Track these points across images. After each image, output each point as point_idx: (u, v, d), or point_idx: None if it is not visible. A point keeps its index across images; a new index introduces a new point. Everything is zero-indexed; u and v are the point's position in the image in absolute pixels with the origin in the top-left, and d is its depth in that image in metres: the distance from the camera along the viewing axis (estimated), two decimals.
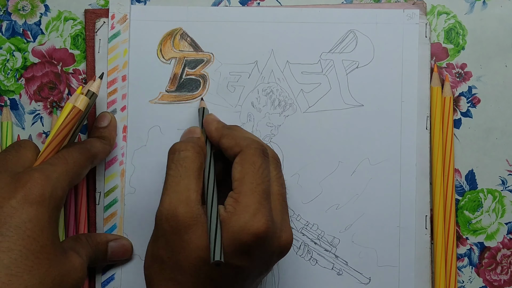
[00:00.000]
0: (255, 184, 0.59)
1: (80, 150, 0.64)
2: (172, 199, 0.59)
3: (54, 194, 0.59)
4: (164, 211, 0.59)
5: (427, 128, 0.71)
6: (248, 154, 0.61)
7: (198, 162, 0.62)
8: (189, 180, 0.60)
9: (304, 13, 0.72)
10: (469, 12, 0.74)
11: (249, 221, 0.58)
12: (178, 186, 0.60)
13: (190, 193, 0.60)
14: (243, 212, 0.58)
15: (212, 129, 0.65)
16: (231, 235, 0.58)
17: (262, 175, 0.60)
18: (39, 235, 0.58)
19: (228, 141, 0.63)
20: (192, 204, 0.59)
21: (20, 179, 0.59)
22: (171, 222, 0.59)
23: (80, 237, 0.68)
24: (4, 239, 0.57)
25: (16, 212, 0.57)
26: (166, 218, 0.59)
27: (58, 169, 0.61)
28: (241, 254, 0.58)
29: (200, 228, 0.59)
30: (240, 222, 0.58)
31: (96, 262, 0.68)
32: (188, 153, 0.62)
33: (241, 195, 0.59)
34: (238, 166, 0.61)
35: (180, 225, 0.58)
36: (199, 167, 0.62)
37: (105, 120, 0.70)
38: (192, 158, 0.62)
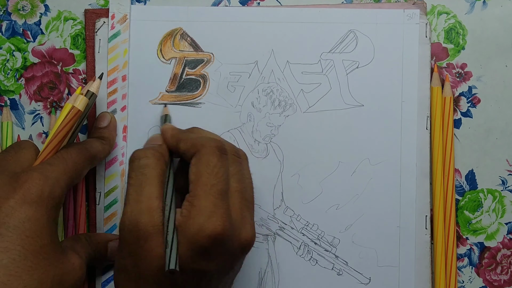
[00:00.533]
0: (209, 186, 0.59)
1: (79, 150, 0.64)
2: (133, 209, 0.59)
3: (52, 193, 0.59)
4: (126, 221, 0.59)
5: (427, 128, 0.71)
6: (203, 154, 0.60)
7: (158, 168, 0.61)
8: (150, 188, 0.60)
9: (304, 13, 0.72)
10: (469, 12, 0.74)
11: (204, 224, 0.57)
12: (139, 196, 0.59)
13: (151, 202, 0.59)
14: (197, 215, 0.58)
15: (168, 136, 0.65)
16: (188, 240, 0.57)
17: (217, 175, 0.60)
18: (38, 235, 0.58)
19: (184, 145, 0.62)
20: (154, 212, 0.58)
21: (19, 179, 0.59)
22: (132, 232, 0.58)
23: (79, 236, 0.68)
24: (3, 239, 0.57)
25: (14, 212, 0.57)
26: (128, 228, 0.58)
27: (56, 169, 0.61)
28: (200, 258, 0.58)
29: (161, 236, 0.58)
30: (196, 225, 0.57)
31: (96, 261, 0.68)
32: (148, 160, 0.61)
33: (196, 198, 0.59)
34: (193, 167, 0.60)
35: (141, 234, 0.58)
36: (160, 174, 0.61)
37: (105, 121, 0.70)
38: (153, 165, 0.61)
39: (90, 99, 0.65)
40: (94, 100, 0.67)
